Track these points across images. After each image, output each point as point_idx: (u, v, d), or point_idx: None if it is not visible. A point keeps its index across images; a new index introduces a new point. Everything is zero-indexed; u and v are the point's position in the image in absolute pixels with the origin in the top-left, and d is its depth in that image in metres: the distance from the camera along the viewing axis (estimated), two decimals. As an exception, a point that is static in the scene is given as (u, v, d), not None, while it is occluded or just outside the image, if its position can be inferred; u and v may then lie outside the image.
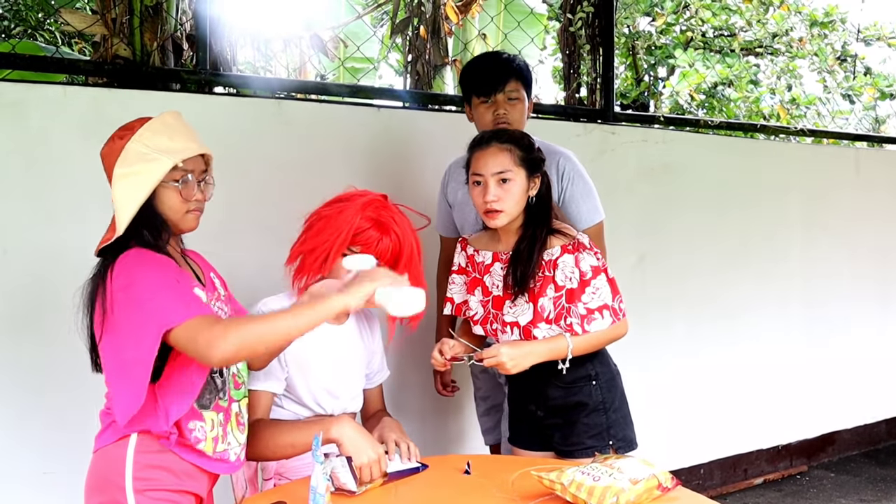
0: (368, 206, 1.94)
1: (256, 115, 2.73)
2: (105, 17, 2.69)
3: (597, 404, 2.13)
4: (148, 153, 1.62)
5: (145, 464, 1.66)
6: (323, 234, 1.93)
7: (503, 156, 2.05)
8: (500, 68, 2.47)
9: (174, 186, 1.66)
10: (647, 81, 7.45)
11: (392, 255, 1.94)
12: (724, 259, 3.95)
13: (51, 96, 2.41)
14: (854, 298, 4.50)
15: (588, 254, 2.05)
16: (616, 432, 2.14)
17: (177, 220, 1.69)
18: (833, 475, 4.26)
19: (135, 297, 1.56)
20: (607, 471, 1.63)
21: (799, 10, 7.04)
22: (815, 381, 4.33)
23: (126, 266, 1.60)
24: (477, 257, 2.18)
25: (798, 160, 4.35)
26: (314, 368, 2.00)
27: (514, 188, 2.05)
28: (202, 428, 1.70)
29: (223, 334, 1.53)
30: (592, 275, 2.04)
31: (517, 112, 2.45)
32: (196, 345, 1.54)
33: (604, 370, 2.17)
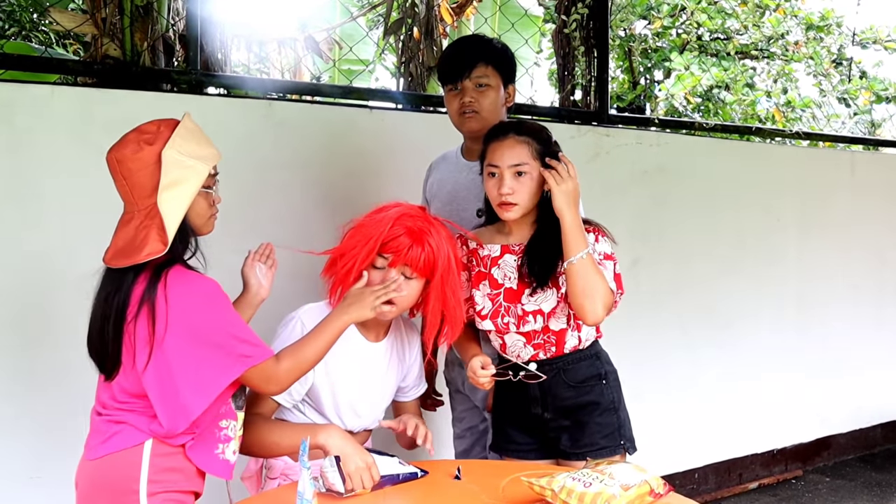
0: (403, 216, 1.90)
1: (247, 116, 2.71)
2: (95, 16, 2.67)
3: (608, 403, 2.10)
4: (184, 160, 1.61)
5: (160, 468, 1.64)
6: (352, 241, 1.90)
7: (521, 148, 2.01)
8: (467, 52, 2.31)
9: (204, 192, 1.67)
10: (644, 85, 7.45)
11: (426, 266, 1.89)
12: (718, 262, 3.94)
13: (38, 96, 2.39)
14: (849, 302, 4.49)
15: (606, 241, 2.05)
16: (625, 432, 2.12)
17: (202, 225, 1.71)
18: (829, 480, 4.24)
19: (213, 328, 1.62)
20: (598, 476, 1.60)
21: (795, 14, 7.05)
22: (810, 384, 4.31)
23: (194, 290, 1.62)
24: (481, 251, 2.12)
25: (793, 163, 4.34)
26: (343, 384, 1.96)
27: (529, 182, 2.00)
28: (234, 427, 1.73)
29: (286, 374, 1.71)
30: (604, 258, 2.02)
31: (486, 100, 2.27)
32: (265, 383, 1.70)
33: (610, 369, 2.15)
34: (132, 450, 1.64)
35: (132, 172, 1.60)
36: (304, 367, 1.75)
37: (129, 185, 1.62)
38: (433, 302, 1.93)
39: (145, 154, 1.60)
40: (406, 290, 1.89)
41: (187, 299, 1.60)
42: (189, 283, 1.62)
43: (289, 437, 1.83)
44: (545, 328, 2.05)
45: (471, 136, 2.37)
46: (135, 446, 1.64)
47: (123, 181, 1.62)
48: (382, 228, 1.87)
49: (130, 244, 1.60)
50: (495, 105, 2.30)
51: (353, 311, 1.78)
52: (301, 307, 1.98)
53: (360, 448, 1.82)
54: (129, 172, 1.61)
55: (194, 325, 1.60)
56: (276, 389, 1.74)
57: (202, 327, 1.61)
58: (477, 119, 2.30)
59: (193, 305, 1.61)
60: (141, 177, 1.60)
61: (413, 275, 1.89)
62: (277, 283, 2.04)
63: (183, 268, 1.64)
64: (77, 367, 1.81)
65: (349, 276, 1.89)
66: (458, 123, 2.36)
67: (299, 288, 2.26)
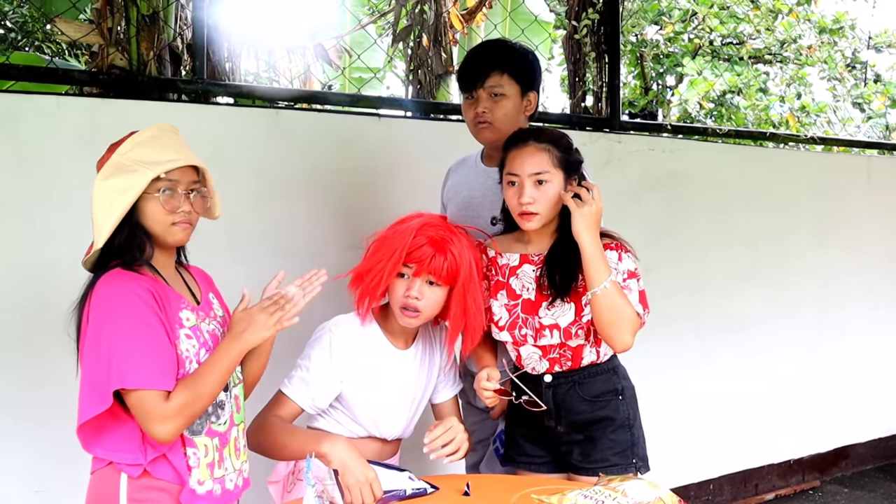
0: (426, 226, 1.92)
1: (254, 124, 2.69)
2: (101, 26, 2.66)
3: (623, 420, 2.05)
4: (129, 165, 1.59)
5: (141, 486, 1.61)
6: (377, 254, 1.92)
7: (541, 156, 1.96)
8: (482, 60, 2.24)
9: (157, 198, 1.61)
10: (656, 90, 7.40)
11: (449, 275, 1.90)
12: (732, 268, 3.88)
13: (44, 107, 2.37)
14: (867, 308, 4.41)
15: (629, 257, 1.99)
16: (639, 451, 2.06)
17: (161, 232, 1.64)
18: (847, 490, 4.17)
19: (103, 337, 1.55)
20: (611, 494, 1.56)
21: (808, 18, 6.99)
22: (827, 393, 4.25)
23: (104, 293, 1.57)
24: (500, 260, 2.08)
25: (808, 168, 4.28)
26: (375, 392, 1.97)
27: (550, 190, 1.96)
28: (195, 455, 1.64)
29: (175, 412, 1.55)
30: (628, 276, 1.97)
31: (501, 110, 2.21)
32: (144, 418, 1.55)
33: (627, 385, 2.09)
34: (112, 466, 1.62)
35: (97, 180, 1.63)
36: (201, 403, 1.59)
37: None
38: (455, 309, 1.95)
39: (102, 161, 1.63)
40: (428, 298, 1.91)
41: (97, 302, 1.56)
42: (107, 284, 1.58)
43: (297, 443, 1.83)
44: (562, 343, 2.01)
45: (487, 146, 2.35)
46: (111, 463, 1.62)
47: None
48: (406, 240, 1.89)
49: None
50: (511, 115, 2.23)
51: (248, 336, 1.63)
52: (332, 318, 1.99)
53: (362, 461, 1.79)
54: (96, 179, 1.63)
55: (95, 328, 1.56)
56: (161, 431, 1.54)
57: (96, 332, 1.56)
58: (491, 130, 2.24)
59: (100, 307, 1.56)
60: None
61: (438, 282, 1.91)
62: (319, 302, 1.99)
63: (121, 270, 1.60)
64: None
65: (378, 289, 1.92)
66: (474, 133, 2.32)
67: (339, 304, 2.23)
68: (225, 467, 1.70)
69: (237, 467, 1.75)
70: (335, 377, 1.92)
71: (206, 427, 1.66)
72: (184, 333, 1.64)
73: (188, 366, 1.62)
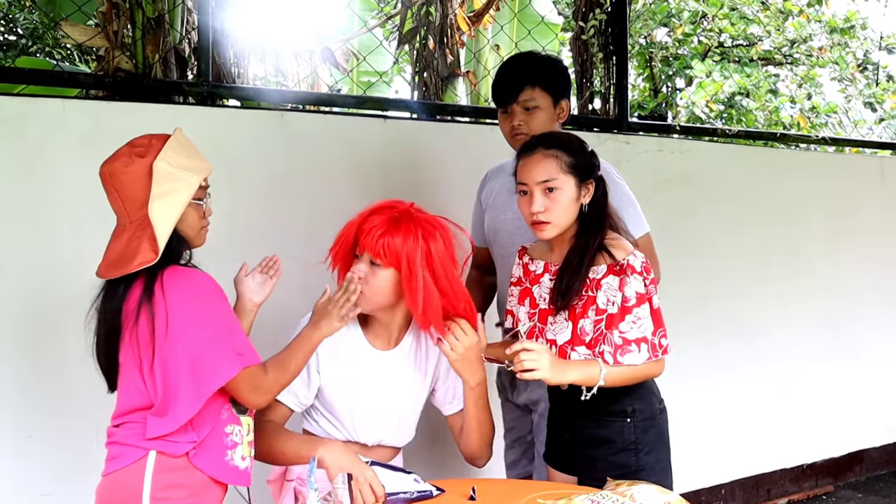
0: (384, 207, 1.88)
1: (260, 127, 2.68)
2: (106, 29, 2.66)
3: (627, 444, 1.94)
4: (175, 172, 1.63)
5: (163, 484, 1.62)
6: (339, 233, 1.92)
7: (548, 163, 1.91)
8: (513, 76, 2.32)
9: (196, 204, 1.68)
10: (665, 92, 7.37)
11: (388, 255, 1.81)
12: (744, 271, 3.84)
13: (50, 110, 2.37)
14: (881, 313, 4.36)
15: (636, 278, 1.87)
16: (645, 476, 1.89)
17: (193, 236, 1.71)
18: (861, 496, 4.11)
19: (206, 327, 1.61)
20: (619, 499, 1.53)
21: (818, 19, 6.95)
22: (841, 397, 4.19)
23: (189, 287, 1.62)
24: (531, 266, 2.05)
25: (820, 170, 4.23)
26: (352, 394, 1.93)
27: (561, 197, 1.90)
28: (239, 432, 1.73)
29: (273, 384, 1.72)
30: (636, 302, 1.86)
31: (535, 122, 2.27)
32: (252, 391, 1.68)
33: (642, 407, 1.97)
34: (135, 466, 1.62)
35: (124, 185, 1.62)
36: (288, 379, 1.76)
37: (121, 198, 1.64)
38: (407, 294, 1.84)
39: (137, 166, 1.62)
40: (370, 279, 1.83)
41: (184, 294, 1.61)
42: (185, 278, 1.63)
43: (293, 448, 1.84)
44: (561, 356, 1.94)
45: None
46: (137, 461, 1.62)
47: (116, 194, 1.64)
48: (362, 218, 1.87)
49: (122, 255, 1.61)
50: (545, 125, 2.28)
51: (323, 327, 1.78)
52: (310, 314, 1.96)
53: (359, 463, 1.78)
54: (121, 185, 1.63)
55: (191, 320, 1.60)
56: (262, 399, 1.72)
57: (199, 322, 1.61)
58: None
59: (190, 300, 1.61)
60: (133, 189, 1.62)
61: (376, 261, 1.82)
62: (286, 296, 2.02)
63: (180, 267, 1.66)
64: (89, 384, 1.80)
65: (333, 269, 1.94)
66: (511, 144, 2.35)
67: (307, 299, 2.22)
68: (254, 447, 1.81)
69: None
70: (313, 369, 1.91)
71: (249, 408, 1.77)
72: None
73: None
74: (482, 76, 4.40)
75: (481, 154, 3.08)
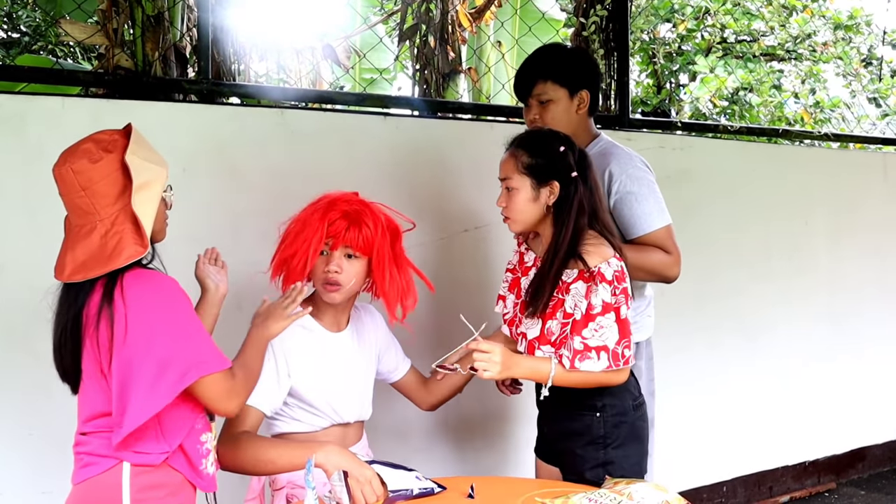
0: (337, 200, 1.96)
1: (260, 124, 2.68)
2: (106, 27, 2.65)
3: (595, 437, 1.97)
4: (145, 164, 1.60)
5: (142, 486, 1.61)
6: (300, 237, 1.93)
7: (508, 162, 1.98)
8: (527, 71, 2.36)
9: (163, 197, 1.66)
10: (668, 89, 7.35)
11: (365, 245, 1.93)
12: (746, 268, 3.83)
13: (50, 108, 2.37)
14: (883, 309, 4.34)
15: (604, 287, 1.87)
16: (614, 470, 1.94)
17: (159, 230, 1.69)
18: (863, 493, 4.11)
19: (163, 333, 1.56)
20: (616, 498, 1.53)
21: (822, 14, 6.91)
22: (844, 394, 4.18)
23: (150, 290, 1.58)
24: (525, 256, 2.11)
25: (822, 166, 4.21)
26: (322, 377, 1.98)
27: (516, 197, 1.96)
28: (210, 439, 1.71)
29: (243, 388, 1.70)
30: (601, 311, 1.86)
31: (549, 115, 2.31)
32: (225, 397, 1.64)
33: (614, 403, 1.98)
34: (111, 472, 1.61)
35: (94, 182, 1.57)
36: (255, 381, 1.78)
37: (88, 196, 1.57)
38: (378, 279, 1.97)
39: (107, 162, 1.58)
40: (347, 271, 1.94)
41: (144, 298, 1.57)
42: (146, 282, 1.60)
43: (286, 456, 1.81)
44: (530, 352, 1.99)
45: None
46: (113, 468, 1.61)
47: (83, 192, 1.57)
48: (323, 216, 1.92)
49: (99, 254, 1.56)
50: (560, 117, 2.31)
51: (271, 326, 1.81)
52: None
53: (359, 462, 1.79)
54: (90, 182, 1.57)
55: (151, 325, 1.56)
56: (234, 405, 1.67)
57: (158, 327, 1.56)
58: None
59: (151, 304, 1.57)
60: (103, 185, 1.57)
61: (356, 254, 1.93)
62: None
63: (140, 269, 1.61)
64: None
65: (304, 271, 1.94)
66: None
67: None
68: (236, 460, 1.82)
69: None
70: (283, 372, 1.92)
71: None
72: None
73: None
74: (483, 73, 4.40)
75: (481, 151, 3.08)
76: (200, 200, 2.49)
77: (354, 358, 2.07)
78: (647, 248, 2.24)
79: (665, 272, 2.26)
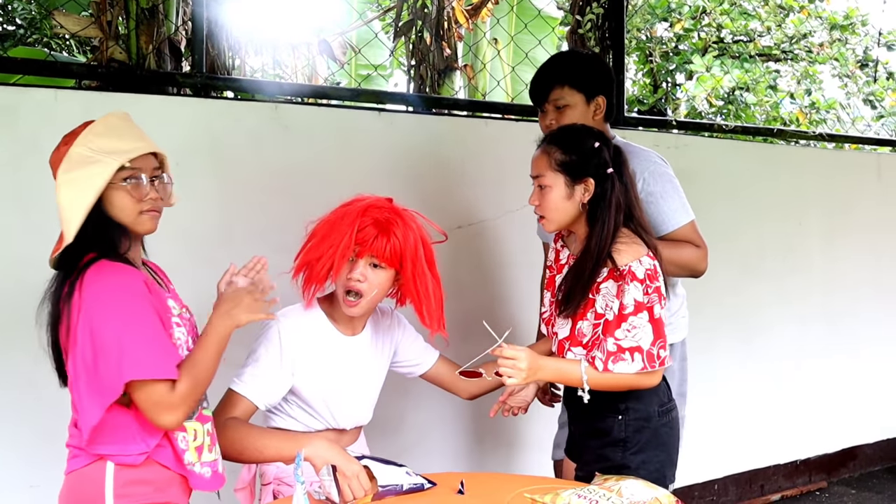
0: (370, 207, 1.89)
1: (253, 118, 2.67)
2: (100, 19, 2.64)
3: (616, 440, 1.94)
4: (92, 156, 1.57)
5: (126, 480, 1.60)
6: (327, 240, 1.88)
7: (541, 159, 1.93)
8: (543, 76, 2.38)
9: (123, 187, 1.60)
10: (665, 88, 7.35)
11: (392, 256, 1.86)
12: (740, 267, 3.83)
13: (42, 101, 2.36)
14: (877, 309, 4.35)
15: (636, 286, 1.83)
16: (629, 474, 1.88)
17: (131, 222, 1.63)
18: (854, 492, 4.12)
19: (106, 329, 1.53)
20: (605, 494, 1.53)
21: (819, 15, 6.92)
22: (835, 393, 4.19)
23: (101, 286, 1.55)
24: (561, 254, 2.07)
25: (817, 165, 4.22)
26: (328, 382, 1.95)
27: (550, 194, 1.90)
28: (185, 438, 1.66)
29: (181, 400, 1.57)
30: (633, 310, 1.82)
31: (566, 119, 2.30)
32: (154, 410, 1.56)
33: (637, 407, 1.95)
34: (95, 466, 1.60)
35: (55, 172, 1.60)
36: (203, 387, 1.63)
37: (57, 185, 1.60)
38: (406, 292, 1.93)
39: (62, 154, 1.59)
40: (371, 281, 1.87)
41: (97, 293, 1.54)
42: (105, 276, 1.56)
43: (273, 447, 1.80)
44: (560, 352, 1.98)
45: None
46: (96, 461, 1.61)
47: (55, 181, 1.60)
48: (354, 222, 1.86)
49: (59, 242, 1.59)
50: (577, 122, 2.29)
51: (238, 314, 1.66)
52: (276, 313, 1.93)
53: (348, 458, 1.78)
54: (54, 172, 1.60)
55: (98, 321, 1.53)
56: (170, 421, 1.57)
57: (106, 323, 1.53)
58: None
59: (101, 299, 1.54)
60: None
61: (381, 264, 1.87)
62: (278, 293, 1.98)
63: (108, 262, 1.58)
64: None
65: (328, 275, 1.88)
66: None
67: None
68: (216, 451, 1.73)
69: (219, 453, 1.76)
70: (286, 370, 1.89)
71: (197, 412, 1.69)
72: (174, 321, 1.67)
73: (181, 353, 1.64)
74: (479, 70, 4.39)
75: (476, 148, 3.08)
76: (193, 195, 2.48)
77: (365, 364, 2.02)
78: (679, 244, 2.29)
79: (696, 266, 2.33)
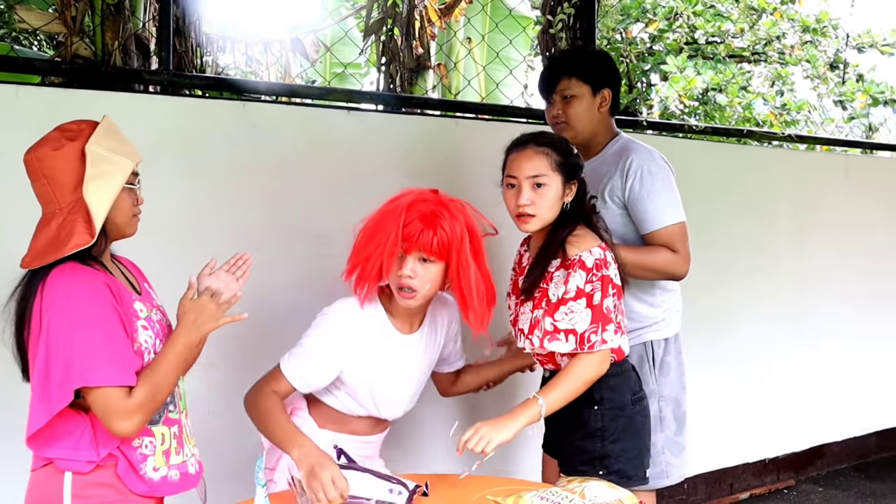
0: (416, 202, 1.88)
1: (221, 117, 2.64)
2: (64, 14, 2.60)
3: (593, 430, 2.01)
4: (108, 155, 1.59)
5: (84, 483, 1.59)
6: (374, 239, 1.87)
7: (539, 159, 1.99)
8: (552, 68, 2.47)
9: (128, 189, 1.63)
10: (639, 88, 7.37)
11: (441, 250, 1.85)
12: (710, 267, 3.84)
13: (3, 97, 2.32)
14: (844, 308, 4.41)
15: (581, 274, 1.93)
16: (610, 463, 1.98)
17: (124, 224, 1.66)
18: (822, 490, 4.17)
19: (61, 334, 1.52)
20: (568, 496, 1.54)
21: (791, 18, 6.98)
22: (803, 392, 4.24)
23: (61, 289, 1.54)
24: (524, 257, 2.16)
25: (786, 166, 4.27)
26: (381, 379, 1.98)
27: (548, 193, 1.98)
28: (151, 443, 1.65)
29: (137, 408, 1.55)
30: (574, 296, 1.92)
31: (572, 110, 2.38)
32: (107, 416, 1.54)
33: (612, 397, 2.02)
34: (52, 465, 1.59)
35: (55, 169, 1.58)
36: (162, 396, 1.61)
37: (50, 184, 1.59)
38: (455, 284, 1.92)
39: (67, 150, 1.58)
40: (422, 276, 1.87)
41: (57, 295, 1.54)
42: (67, 278, 1.56)
43: (279, 435, 1.86)
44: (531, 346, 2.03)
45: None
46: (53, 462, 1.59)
47: (44, 180, 1.59)
48: (399, 219, 1.84)
49: (53, 242, 1.56)
50: (583, 113, 2.40)
51: (202, 325, 1.65)
52: (334, 303, 1.97)
53: (326, 461, 1.79)
54: (51, 170, 1.58)
55: (56, 323, 1.53)
56: (124, 427, 1.54)
57: (63, 325, 1.53)
58: (567, 129, 2.40)
59: (61, 302, 1.54)
60: (63, 174, 1.58)
61: (430, 258, 1.86)
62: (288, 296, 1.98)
63: (75, 264, 1.58)
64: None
65: (379, 275, 1.87)
66: (555, 132, 2.41)
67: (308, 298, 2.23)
68: (185, 453, 1.72)
69: (192, 452, 1.77)
70: (334, 363, 1.92)
71: (163, 416, 1.68)
72: (140, 325, 1.65)
73: (147, 357, 1.63)
74: (451, 69, 4.38)
75: (446, 147, 3.07)
76: (160, 193, 2.44)
77: (418, 362, 2.04)
78: (651, 249, 2.29)
79: (672, 270, 2.32)
